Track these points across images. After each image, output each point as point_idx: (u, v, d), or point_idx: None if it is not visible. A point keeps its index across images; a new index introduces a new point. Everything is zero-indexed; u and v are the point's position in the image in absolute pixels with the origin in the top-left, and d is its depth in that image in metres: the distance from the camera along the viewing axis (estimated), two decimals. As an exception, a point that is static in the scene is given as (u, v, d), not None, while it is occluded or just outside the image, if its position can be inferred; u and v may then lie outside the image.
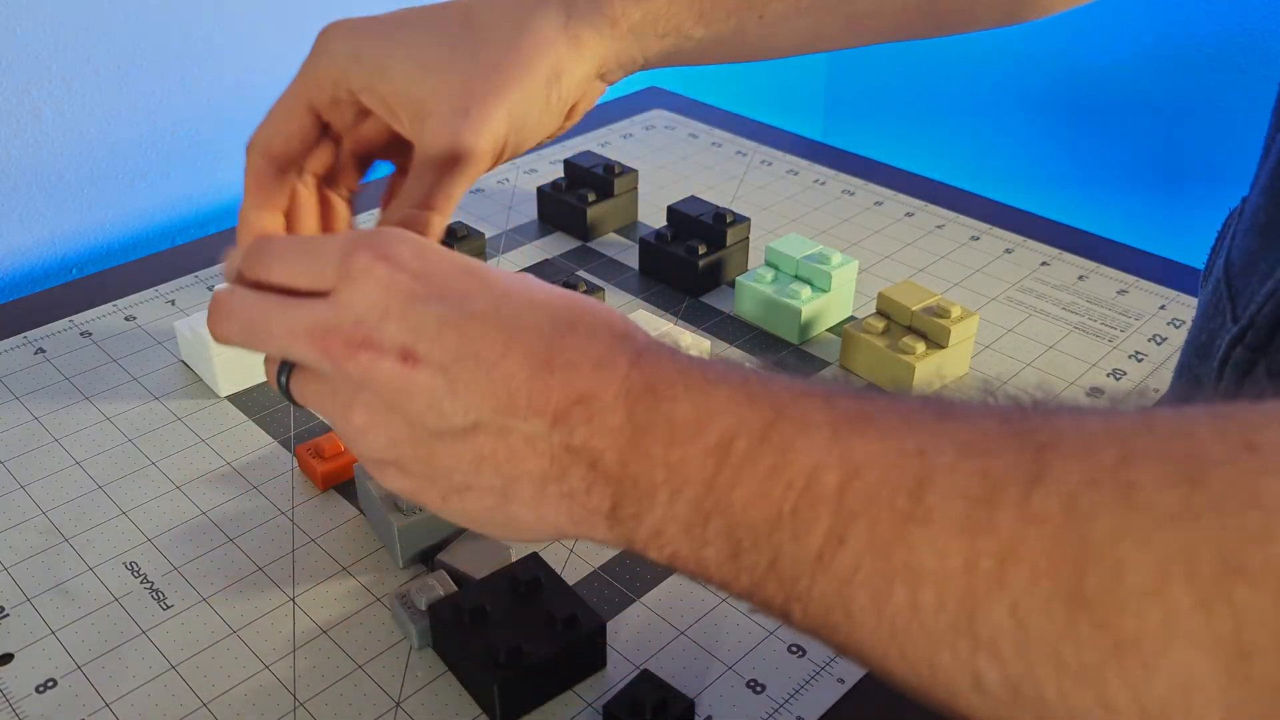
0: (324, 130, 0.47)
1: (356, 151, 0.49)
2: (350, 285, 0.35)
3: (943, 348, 0.65)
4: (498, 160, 0.46)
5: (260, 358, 0.41)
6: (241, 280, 0.39)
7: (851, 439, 0.29)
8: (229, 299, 0.38)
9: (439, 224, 0.44)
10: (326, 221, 0.49)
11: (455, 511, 0.36)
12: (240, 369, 0.65)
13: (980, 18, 0.58)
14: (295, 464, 0.60)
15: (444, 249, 0.37)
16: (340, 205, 0.50)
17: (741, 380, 0.32)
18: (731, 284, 0.77)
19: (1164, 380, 0.68)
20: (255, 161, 0.46)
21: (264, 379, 0.65)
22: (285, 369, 0.39)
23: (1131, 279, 0.78)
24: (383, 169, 0.51)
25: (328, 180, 0.49)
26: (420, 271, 0.35)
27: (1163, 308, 0.75)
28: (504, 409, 0.33)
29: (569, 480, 0.34)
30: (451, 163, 0.44)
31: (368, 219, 0.84)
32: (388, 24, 0.45)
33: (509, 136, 0.45)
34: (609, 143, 0.99)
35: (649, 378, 0.33)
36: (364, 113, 0.47)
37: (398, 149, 0.49)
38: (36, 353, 0.69)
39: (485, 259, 0.76)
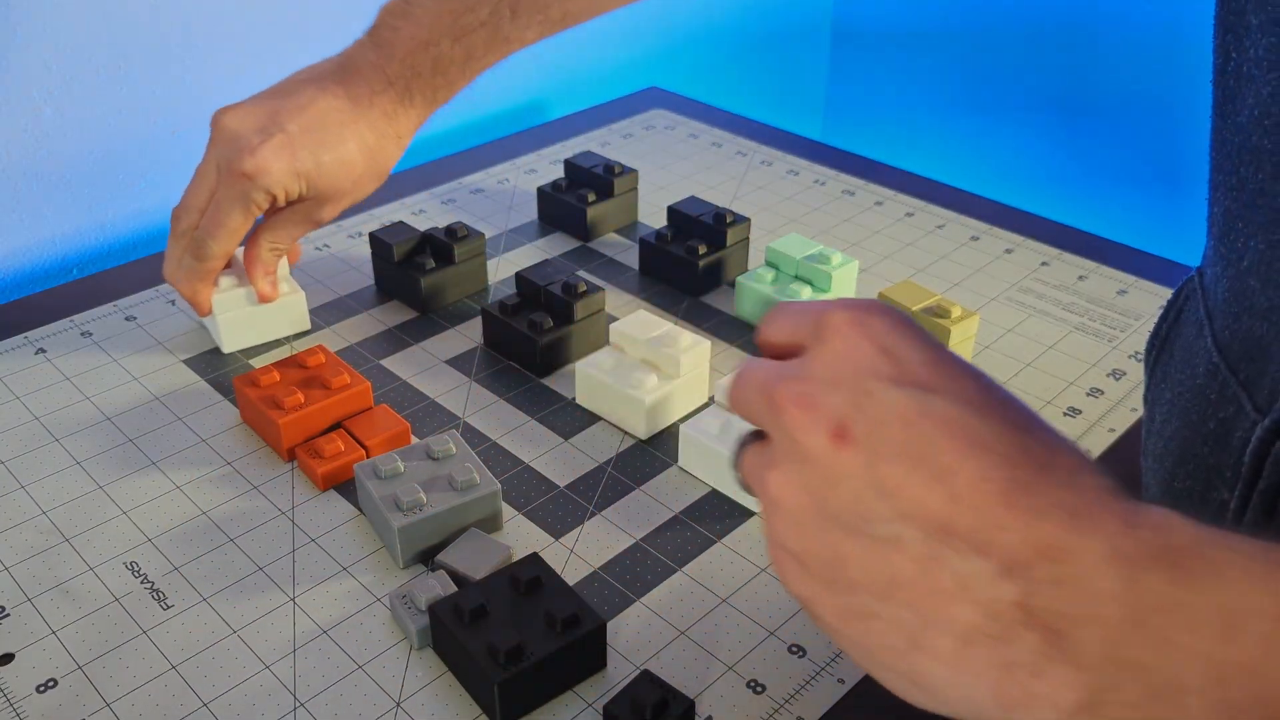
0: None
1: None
2: (819, 345, 0.33)
3: (943, 348, 0.65)
4: None
5: (261, 329, 0.59)
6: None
7: None
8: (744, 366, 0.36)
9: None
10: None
11: (851, 640, 0.32)
12: (242, 330, 0.69)
13: None
14: (295, 464, 0.60)
15: (925, 333, 0.33)
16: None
17: (1261, 549, 0.26)
18: (732, 284, 0.77)
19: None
20: (211, 266, 0.64)
21: (266, 339, 0.71)
22: (744, 441, 0.35)
23: (1131, 279, 0.78)
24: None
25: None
26: (889, 348, 0.31)
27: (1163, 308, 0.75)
28: (940, 529, 0.28)
29: (1013, 648, 0.27)
30: (316, 225, 0.66)
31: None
32: (316, 154, 0.62)
33: None
34: (609, 143, 0.99)
35: (1160, 541, 0.26)
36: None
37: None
38: (36, 353, 0.69)
39: (485, 259, 0.76)
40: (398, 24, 0.62)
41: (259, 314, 0.69)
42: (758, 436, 0.35)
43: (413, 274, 0.73)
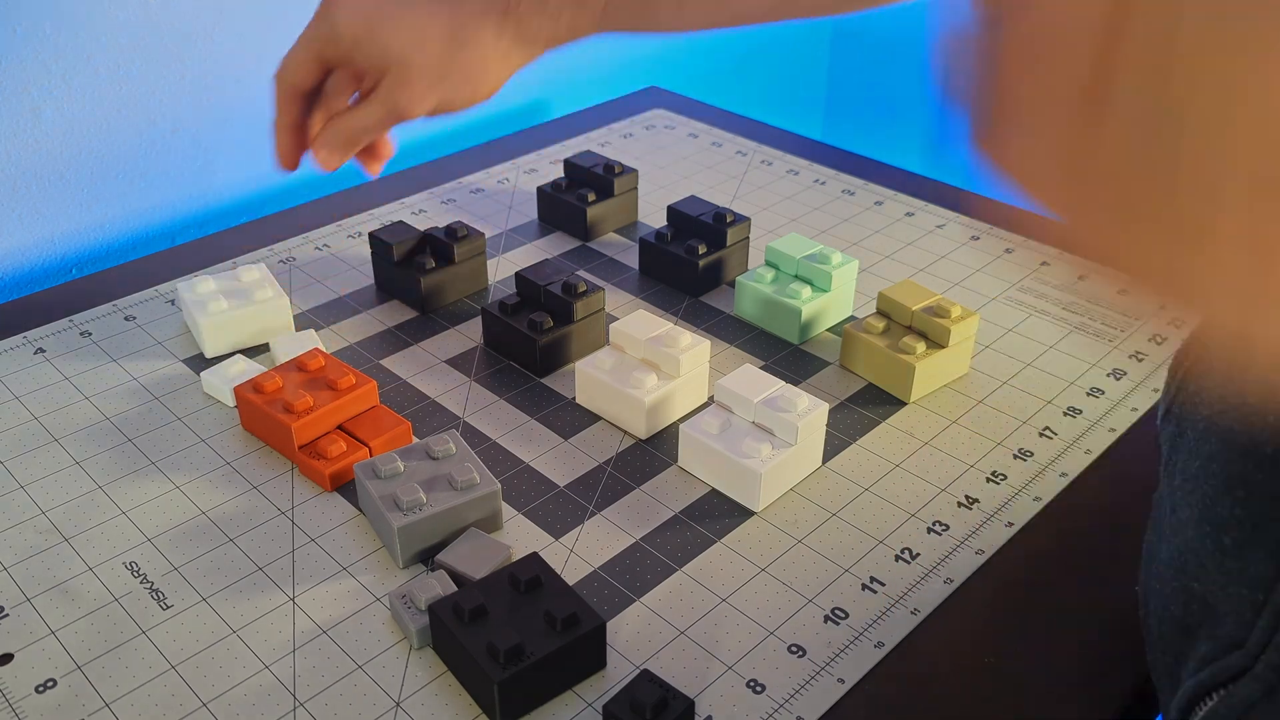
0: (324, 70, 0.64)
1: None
2: None
3: (943, 348, 0.65)
4: None
5: (242, 335, 0.59)
6: None
7: None
8: None
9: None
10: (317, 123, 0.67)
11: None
12: (224, 335, 0.69)
13: None
14: (295, 464, 0.60)
15: None
16: (335, 104, 0.66)
17: None
18: (731, 284, 0.77)
19: (1164, 381, 0.68)
20: (281, 89, 0.64)
21: (245, 344, 0.70)
22: None
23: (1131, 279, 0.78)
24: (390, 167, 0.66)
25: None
26: None
27: (1163, 308, 0.75)
28: None
29: None
30: (394, 113, 0.62)
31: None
32: (390, 10, 0.59)
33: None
34: (609, 143, 0.99)
35: None
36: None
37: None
38: (36, 353, 0.69)
39: (485, 259, 0.76)
40: None
41: (241, 318, 0.69)
42: None
43: (413, 274, 0.73)
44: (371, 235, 0.75)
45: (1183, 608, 0.40)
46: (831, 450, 0.62)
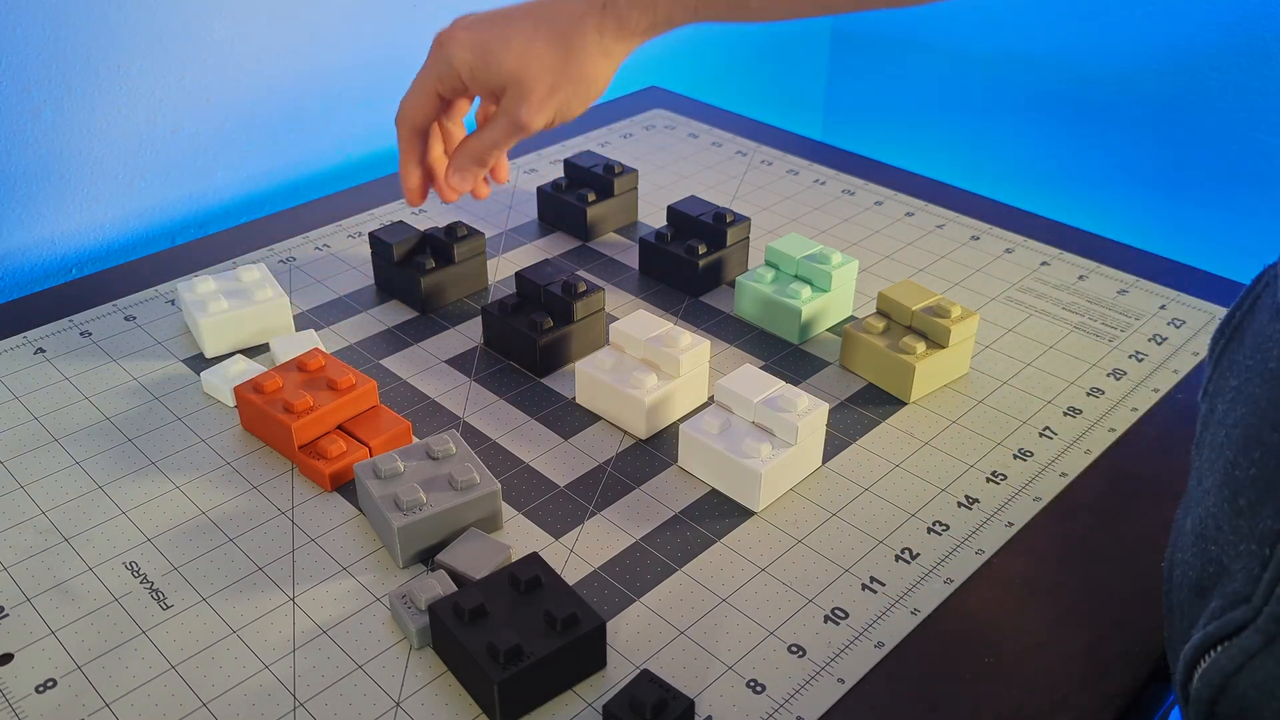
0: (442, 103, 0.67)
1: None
2: None
3: (943, 347, 0.65)
4: None
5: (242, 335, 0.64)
6: None
7: None
8: None
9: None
10: (448, 148, 0.71)
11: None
12: (224, 335, 0.69)
13: None
14: (295, 464, 0.60)
15: None
16: (453, 130, 0.71)
17: None
18: (731, 284, 0.77)
19: (1164, 380, 0.68)
20: (403, 132, 0.67)
21: (245, 344, 0.70)
22: None
23: (1131, 279, 0.78)
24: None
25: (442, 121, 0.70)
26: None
27: (1163, 307, 0.75)
28: None
29: None
30: (517, 127, 0.64)
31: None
32: (498, 35, 0.63)
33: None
34: (609, 143, 0.99)
35: None
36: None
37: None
38: (36, 353, 0.69)
39: (485, 258, 0.76)
40: None
41: (241, 318, 0.69)
42: None
43: (413, 274, 0.73)
44: (371, 235, 0.75)
45: (1199, 570, 0.41)
46: (831, 450, 0.62)
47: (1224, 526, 0.39)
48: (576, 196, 0.83)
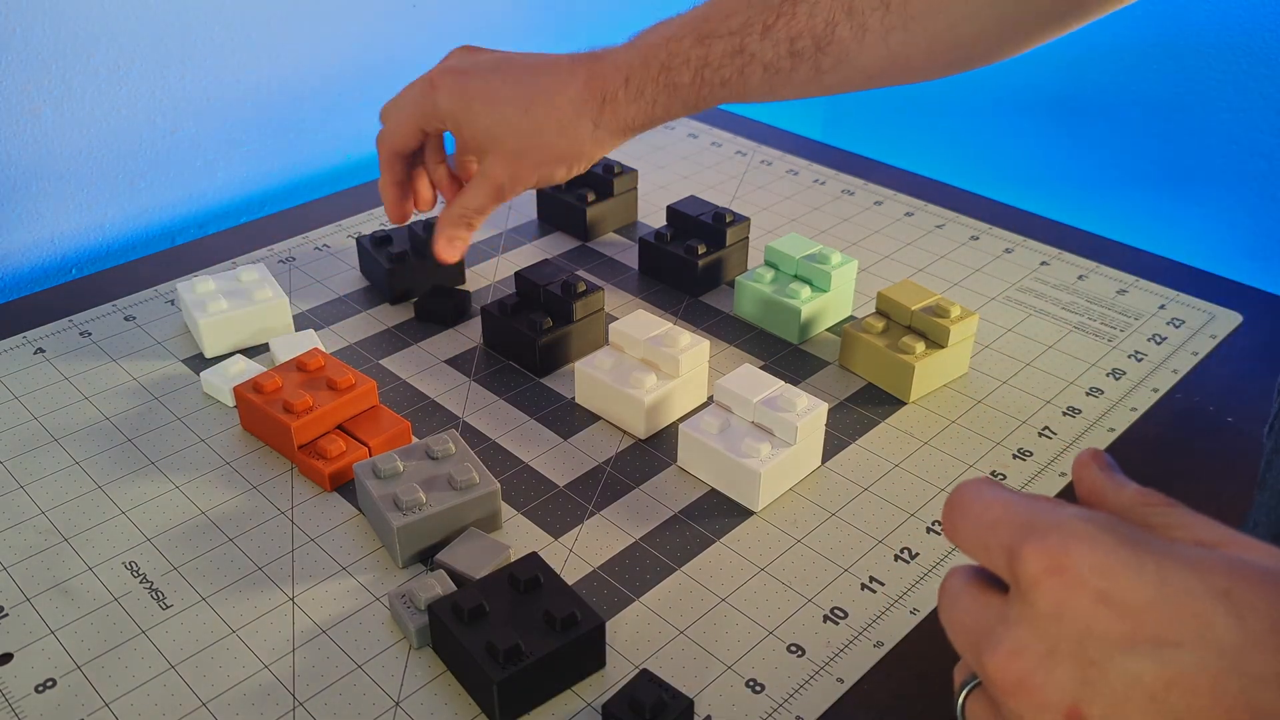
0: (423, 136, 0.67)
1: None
2: (1021, 600, 0.29)
3: (942, 347, 0.65)
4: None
5: (242, 335, 0.60)
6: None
7: None
8: (948, 578, 0.33)
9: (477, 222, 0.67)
10: (424, 179, 0.70)
11: None
12: (224, 335, 0.69)
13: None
14: (294, 464, 0.60)
15: (1140, 540, 0.28)
16: (429, 172, 0.70)
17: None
18: (731, 284, 0.77)
19: (1164, 380, 0.68)
20: (383, 153, 0.67)
21: (245, 345, 0.70)
22: (967, 686, 0.32)
23: (1131, 279, 0.78)
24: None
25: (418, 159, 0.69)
26: (1105, 591, 0.27)
27: (1162, 307, 0.75)
28: None
29: None
30: (499, 193, 0.64)
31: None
32: (486, 90, 0.62)
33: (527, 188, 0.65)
34: (609, 143, 0.99)
35: None
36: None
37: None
38: (36, 353, 0.69)
39: (485, 258, 0.76)
40: (659, 25, 0.62)
41: (241, 318, 0.69)
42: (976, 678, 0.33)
43: (386, 267, 0.73)
44: (371, 235, 0.75)
45: None
46: (831, 450, 0.62)
47: None
48: (576, 196, 0.83)
